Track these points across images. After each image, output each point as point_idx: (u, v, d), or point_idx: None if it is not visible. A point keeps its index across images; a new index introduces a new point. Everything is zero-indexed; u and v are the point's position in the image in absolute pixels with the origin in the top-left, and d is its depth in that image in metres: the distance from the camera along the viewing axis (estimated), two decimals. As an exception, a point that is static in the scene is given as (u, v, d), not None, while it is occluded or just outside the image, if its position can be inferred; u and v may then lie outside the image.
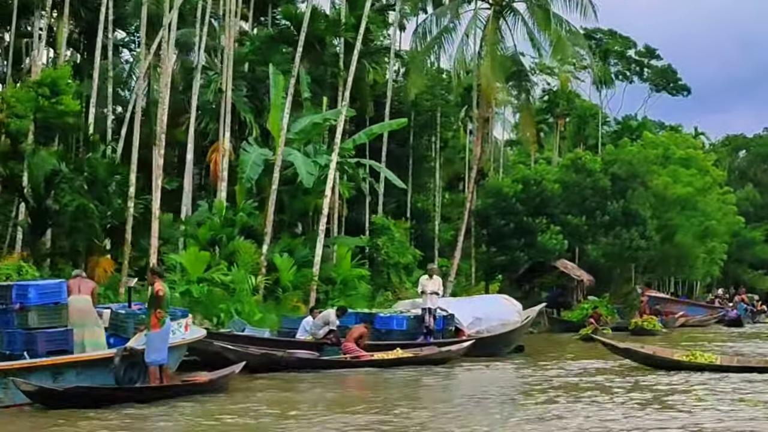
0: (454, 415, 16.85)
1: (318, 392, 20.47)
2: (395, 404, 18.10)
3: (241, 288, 29.09)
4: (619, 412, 16.98)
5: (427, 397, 19.98)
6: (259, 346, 23.97)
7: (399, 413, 16.81)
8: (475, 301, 30.92)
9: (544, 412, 17.06)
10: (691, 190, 58.47)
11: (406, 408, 17.44)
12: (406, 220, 46.32)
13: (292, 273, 31.43)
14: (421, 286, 27.84)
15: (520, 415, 16.80)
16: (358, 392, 21.06)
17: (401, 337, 27.13)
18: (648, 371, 23.95)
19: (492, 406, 18.34)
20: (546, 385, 21.52)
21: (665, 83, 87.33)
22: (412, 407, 17.65)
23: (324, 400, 19.32)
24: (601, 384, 21.81)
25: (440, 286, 28.16)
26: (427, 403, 18.77)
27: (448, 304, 29.92)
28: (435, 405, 18.28)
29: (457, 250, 44.75)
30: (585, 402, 18.49)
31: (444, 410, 17.45)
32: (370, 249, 38.34)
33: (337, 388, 21.25)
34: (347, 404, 18.16)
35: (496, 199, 47.60)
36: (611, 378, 22.91)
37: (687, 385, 21.41)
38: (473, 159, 46.07)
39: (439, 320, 28.18)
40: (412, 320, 27.70)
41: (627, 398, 19.09)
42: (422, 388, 21.69)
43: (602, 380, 22.55)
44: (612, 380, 22.51)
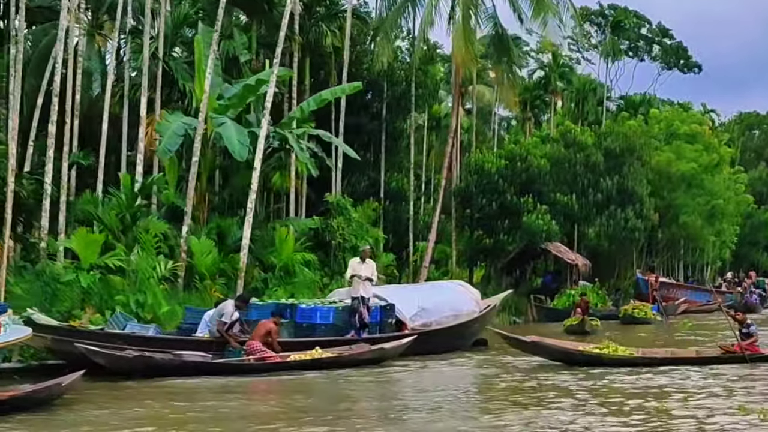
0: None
1: (181, 406, 15.74)
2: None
3: (145, 276, 24.40)
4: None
5: (324, 412, 15.23)
6: (139, 347, 19.32)
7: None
8: (423, 289, 26.17)
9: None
10: (695, 166, 53.49)
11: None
12: (377, 200, 41.58)
13: (211, 258, 26.70)
14: (351, 271, 23.10)
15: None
16: (242, 408, 16.25)
17: (328, 333, 22.55)
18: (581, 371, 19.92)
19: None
20: (489, 393, 17.40)
21: (676, 61, 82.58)
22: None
23: (171, 421, 14.57)
24: (563, 386, 17.61)
25: (374, 271, 23.38)
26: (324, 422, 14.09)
27: (389, 292, 25.29)
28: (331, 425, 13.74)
29: (432, 232, 39.97)
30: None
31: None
32: (323, 231, 33.54)
33: (219, 399, 16.54)
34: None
35: (478, 177, 42.70)
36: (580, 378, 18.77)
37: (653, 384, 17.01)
38: (449, 132, 41.11)
39: (376, 311, 23.53)
40: (341, 312, 23.01)
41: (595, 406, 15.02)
42: (330, 399, 17.05)
43: (569, 380, 18.26)
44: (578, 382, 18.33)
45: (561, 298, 40.46)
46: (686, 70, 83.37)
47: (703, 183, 55.17)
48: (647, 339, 28.64)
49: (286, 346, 20.88)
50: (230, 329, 20.52)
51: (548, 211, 42.42)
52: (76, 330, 19.48)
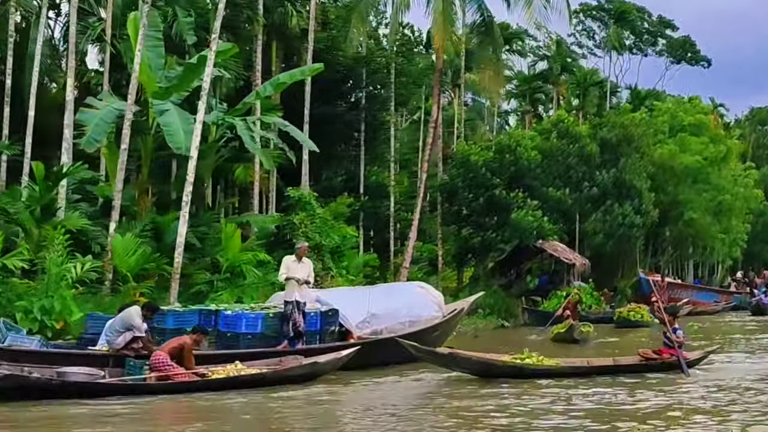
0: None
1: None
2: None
3: (55, 278, 21.09)
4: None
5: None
6: (18, 363, 15.98)
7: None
8: (375, 292, 22.55)
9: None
10: (700, 160, 49.87)
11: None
12: (353, 196, 38.22)
13: (136, 258, 23.32)
14: (284, 270, 19.69)
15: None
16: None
17: (255, 344, 19.13)
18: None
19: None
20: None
21: (683, 54, 79.33)
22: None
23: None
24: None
25: (311, 272, 19.97)
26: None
27: (334, 295, 21.90)
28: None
29: (412, 230, 36.52)
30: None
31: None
32: (282, 229, 30.15)
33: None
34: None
35: (464, 170, 39.24)
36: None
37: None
38: (430, 121, 37.63)
39: (315, 318, 20.10)
40: (272, 319, 19.59)
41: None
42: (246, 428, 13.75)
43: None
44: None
45: (552, 300, 36.89)
46: (694, 63, 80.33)
47: (709, 177, 51.61)
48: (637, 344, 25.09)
49: (202, 359, 17.55)
50: (132, 342, 17.21)
51: (539, 206, 38.90)
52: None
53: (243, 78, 33.36)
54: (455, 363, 18.20)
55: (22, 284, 20.73)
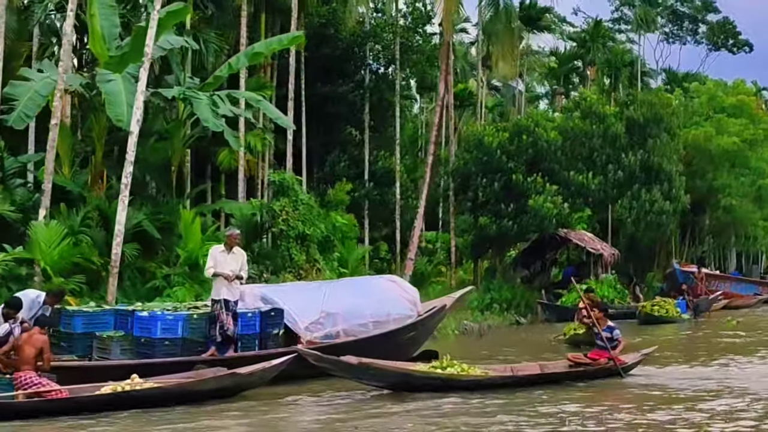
0: None
1: None
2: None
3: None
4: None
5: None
6: None
7: None
8: (334, 288, 18.50)
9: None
10: (737, 141, 45.19)
11: None
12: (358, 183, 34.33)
13: (60, 250, 19.49)
14: (211, 262, 15.81)
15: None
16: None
17: (174, 351, 15.32)
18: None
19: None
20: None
21: (723, 40, 74.39)
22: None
23: None
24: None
25: (244, 264, 16.05)
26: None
27: (284, 291, 18.03)
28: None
29: (418, 219, 32.65)
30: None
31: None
32: (263, 217, 26.29)
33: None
34: None
35: (477, 153, 35.08)
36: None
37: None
38: (437, 99, 33.54)
39: (254, 320, 16.23)
40: (197, 321, 15.73)
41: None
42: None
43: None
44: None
45: (571, 294, 32.62)
46: (735, 50, 75.39)
47: (749, 161, 46.93)
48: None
49: (89, 371, 13.83)
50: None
51: (560, 192, 34.64)
52: None
53: (227, 53, 29.54)
54: (367, 375, 14.56)
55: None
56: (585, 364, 16.30)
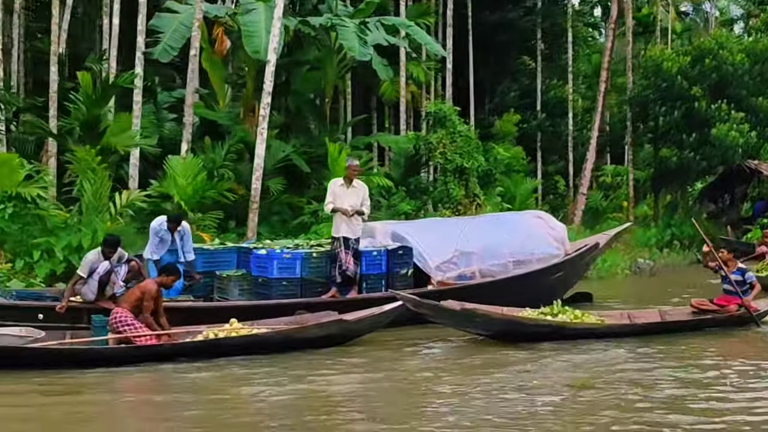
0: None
1: None
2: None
3: (93, 210, 16.76)
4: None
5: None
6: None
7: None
8: (471, 224, 16.69)
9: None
10: None
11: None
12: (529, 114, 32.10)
13: (194, 186, 18.42)
14: (330, 198, 14.35)
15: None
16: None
17: (293, 292, 14.05)
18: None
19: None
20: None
21: None
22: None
23: None
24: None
25: (366, 199, 14.49)
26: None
27: (415, 228, 16.38)
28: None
29: (590, 150, 30.20)
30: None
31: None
32: (418, 150, 24.68)
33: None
34: None
35: (655, 80, 32.14)
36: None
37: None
38: (608, 22, 30.79)
39: (380, 258, 14.69)
40: (316, 260, 14.35)
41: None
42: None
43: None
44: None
45: (755, 230, 29.52)
46: None
47: None
48: None
49: (190, 314, 12.71)
50: (104, 289, 12.48)
51: (746, 119, 31.32)
52: None
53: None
54: (472, 322, 12.82)
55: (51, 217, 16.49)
56: (712, 311, 14.05)
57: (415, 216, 22.90)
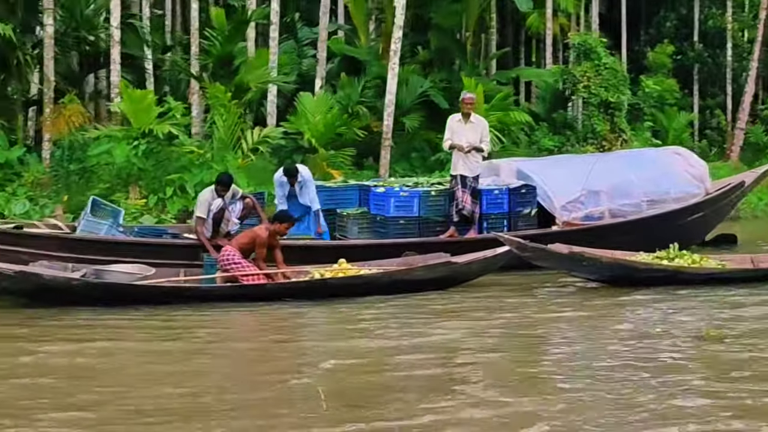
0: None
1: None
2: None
3: (225, 146, 16.72)
4: None
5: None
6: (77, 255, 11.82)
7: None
8: (602, 161, 15.61)
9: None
10: None
11: None
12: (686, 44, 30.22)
13: (325, 121, 17.98)
14: (448, 135, 13.70)
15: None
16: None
17: (410, 231, 13.50)
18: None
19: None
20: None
21: None
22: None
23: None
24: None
25: (485, 135, 13.74)
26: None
27: (540, 166, 15.51)
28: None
29: (749, 82, 28.27)
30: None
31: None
32: (562, 83, 23.59)
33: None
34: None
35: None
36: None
37: None
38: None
39: (501, 197, 13.99)
40: (435, 199, 13.78)
41: None
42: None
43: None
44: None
45: None
46: None
47: None
48: None
49: (306, 252, 12.40)
50: (219, 226, 12.32)
51: None
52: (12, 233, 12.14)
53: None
54: (580, 266, 11.92)
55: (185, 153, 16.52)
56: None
57: (558, 152, 22.00)
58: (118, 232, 12.69)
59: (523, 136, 22.30)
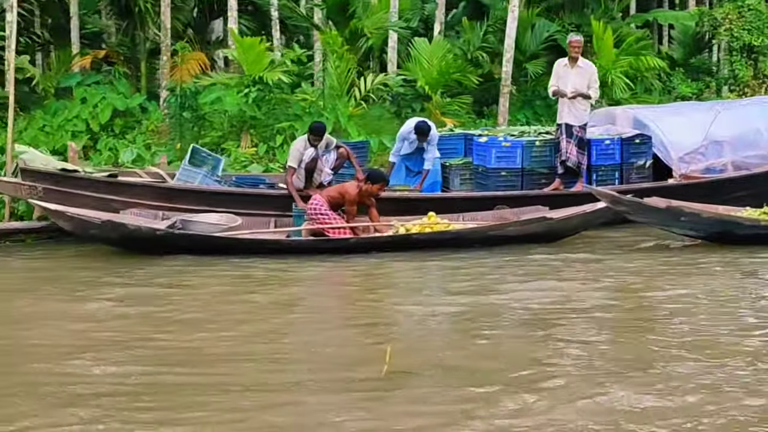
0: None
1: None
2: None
3: (336, 94, 16.22)
4: None
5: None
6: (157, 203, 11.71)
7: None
8: (728, 109, 14.24)
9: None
10: None
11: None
12: None
13: (440, 67, 17.07)
14: (553, 80, 12.78)
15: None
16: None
17: (512, 183, 12.74)
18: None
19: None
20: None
21: None
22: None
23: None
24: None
25: (593, 81, 12.67)
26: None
27: (659, 114, 14.32)
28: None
29: None
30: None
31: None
32: (703, 27, 21.93)
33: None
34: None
35: None
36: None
37: None
38: None
39: (613, 147, 12.99)
40: (540, 149, 12.91)
41: None
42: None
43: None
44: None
45: None
46: None
47: None
48: None
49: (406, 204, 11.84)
50: (311, 176, 11.88)
51: None
52: (71, 176, 12.04)
53: None
54: (678, 222, 10.83)
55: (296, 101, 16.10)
56: None
57: (696, 100, 20.49)
58: (212, 180, 12.40)
59: (657, 83, 20.85)
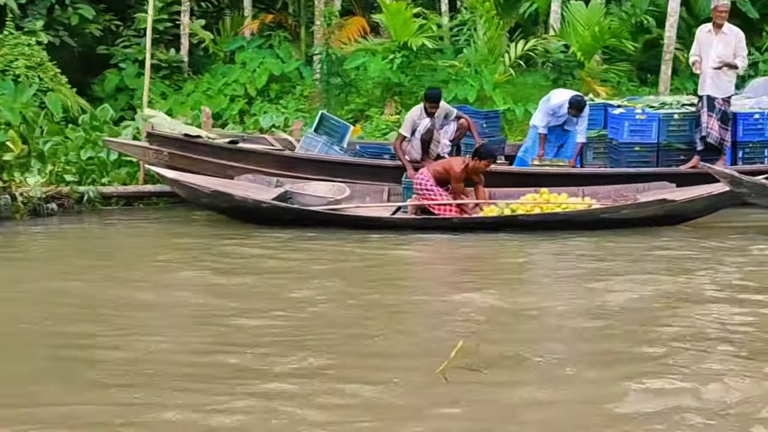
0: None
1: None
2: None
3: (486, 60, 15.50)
4: None
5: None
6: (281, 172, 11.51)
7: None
8: None
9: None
10: None
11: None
12: None
13: (593, 32, 15.81)
14: (695, 48, 11.53)
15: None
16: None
17: (646, 159, 11.78)
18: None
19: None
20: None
21: None
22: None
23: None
24: None
25: (739, 48, 11.26)
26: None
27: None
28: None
29: None
30: None
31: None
32: None
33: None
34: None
35: None
36: None
37: None
38: None
39: (763, 122, 11.68)
40: (678, 123, 11.75)
41: None
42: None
43: None
44: None
45: None
46: None
47: None
48: None
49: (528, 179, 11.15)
50: (428, 147, 11.31)
51: None
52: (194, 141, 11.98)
53: None
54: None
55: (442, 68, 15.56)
56: None
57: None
58: (333, 150, 12.03)
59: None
